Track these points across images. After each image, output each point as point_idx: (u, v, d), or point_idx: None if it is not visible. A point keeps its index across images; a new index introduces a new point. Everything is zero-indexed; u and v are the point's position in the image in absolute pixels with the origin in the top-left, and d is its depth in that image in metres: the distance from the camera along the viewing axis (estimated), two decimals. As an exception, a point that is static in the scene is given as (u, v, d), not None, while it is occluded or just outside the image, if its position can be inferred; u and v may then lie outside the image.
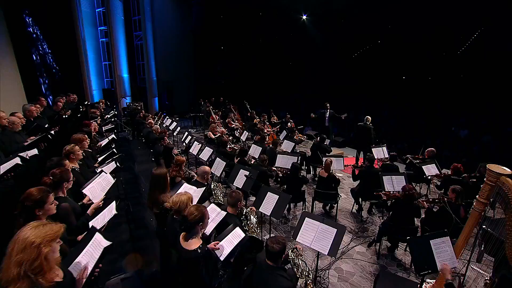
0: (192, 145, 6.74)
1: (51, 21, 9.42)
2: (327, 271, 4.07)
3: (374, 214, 5.62)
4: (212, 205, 2.94)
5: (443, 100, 15.52)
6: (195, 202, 3.21)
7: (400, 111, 15.67)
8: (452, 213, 3.75)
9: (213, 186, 4.03)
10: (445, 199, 4.05)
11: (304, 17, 15.41)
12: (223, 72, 18.70)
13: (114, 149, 4.55)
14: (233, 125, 9.51)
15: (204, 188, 3.36)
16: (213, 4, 16.18)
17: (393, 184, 4.89)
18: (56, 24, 9.65)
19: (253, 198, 5.67)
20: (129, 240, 3.87)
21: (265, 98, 19.19)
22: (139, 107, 10.89)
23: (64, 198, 2.42)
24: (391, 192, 4.66)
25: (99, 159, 4.23)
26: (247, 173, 4.26)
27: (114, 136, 5.45)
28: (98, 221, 2.36)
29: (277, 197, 3.63)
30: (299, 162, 7.77)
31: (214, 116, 10.71)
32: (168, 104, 16.10)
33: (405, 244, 4.51)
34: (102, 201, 2.72)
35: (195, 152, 6.47)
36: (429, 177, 5.57)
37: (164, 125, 9.75)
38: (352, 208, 5.76)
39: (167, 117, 10.68)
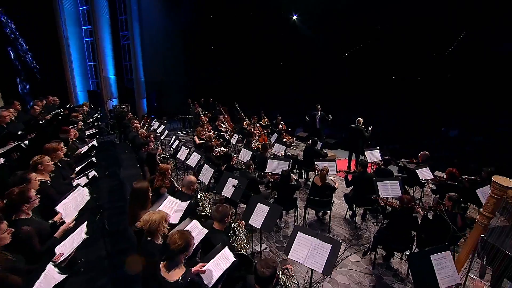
0: (179, 149, 6.46)
1: (31, 20, 8.98)
2: (321, 283, 3.88)
3: (368, 220, 5.47)
4: (194, 222, 2.70)
5: (433, 100, 15.65)
6: (178, 217, 2.97)
7: (391, 111, 15.70)
8: (449, 222, 3.62)
9: (200, 197, 3.79)
10: (442, 207, 3.90)
11: (295, 17, 15.28)
12: (214, 73, 18.40)
13: (93, 158, 4.22)
14: (223, 128, 9.26)
15: (189, 202, 3.11)
16: (202, 3, 15.89)
17: (388, 190, 4.74)
18: (37, 23, 9.22)
19: (244, 205, 5.48)
20: (108, 256, 3.58)
21: (256, 98, 18.97)
22: (125, 109, 10.51)
23: (26, 220, 2.14)
24: (388, 199, 4.50)
25: (77, 168, 3.92)
26: (235, 182, 4.03)
27: (95, 143, 5.12)
28: (66, 246, 2.09)
29: (267, 208, 3.42)
30: (290, 165, 7.63)
31: (203, 118, 10.44)
32: (156, 106, 15.70)
33: (401, 252, 4.36)
34: (74, 222, 2.44)
35: (182, 158, 6.19)
36: (424, 181, 5.46)
37: (151, 128, 9.43)
38: (346, 213, 5.60)
39: (155, 119, 10.35)
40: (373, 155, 6.74)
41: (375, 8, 13.45)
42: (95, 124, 7.46)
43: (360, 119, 7.43)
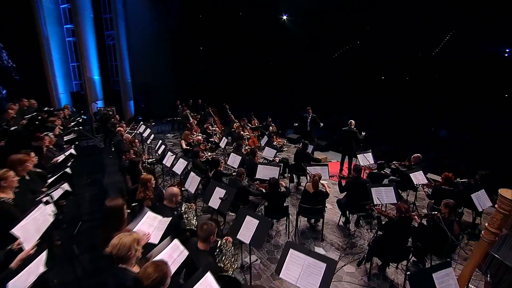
0: (166, 155, 6.17)
1: (7, 18, 8.49)
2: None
3: (362, 226, 5.30)
4: (175, 242, 2.44)
5: (422, 101, 15.76)
6: (159, 236, 2.70)
7: (381, 112, 15.72)
8: (447, 231, 3.46)
9: (185, 208, 3.52)
10: (438, 214, 3.75)
11: (285, 17, 15.11)
12: (203, 73, 18.06)
13: (68, 168, 3.89)
14: (212, 130, 8.98)
15: (171, 218, 2.84)
16: (191, 3, 15.55)
17: (383, 196, 4.58)
18: (14, 21, 8.73)
19: (233, 214, 5.23)
20: (80, 279, 3.25)
21: (246, 99, 18.75)
22: (110, 112, 10.10)
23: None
24: (382, 206, 4.34)
25: (49, 181, 3.58)
26: (223, 192, 3.78)
27: (73, 151, 4.78)
28: (21, 281, 1.80)
29: (257, 222, 3.18)
30: (281, 170, 7.42)
31: (192, 120, 10.13)
32: (144, 108, 15.28)
33: (397, 262, 4.20)
34: (35, 248, 2.14)
35: (168, 164, 5.90)
36: (418, 185, 5.33)
37: (138, 132, 9.05)
38: (339, 220, 5.42)
39: (141, 122, 9.98)
40: (366, 158, 6.62)
41: (364, 8, 13.50)
42: (75, 128, 7.03)
43: (352, 121, 7.28)
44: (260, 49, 17.62)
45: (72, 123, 7.37)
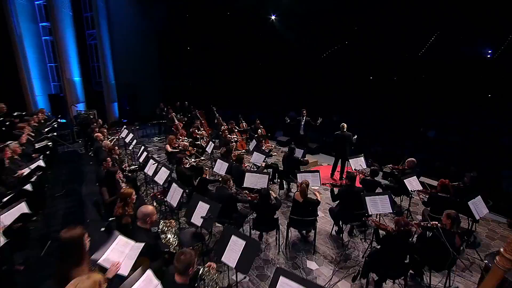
0: (147, 163, 5.77)
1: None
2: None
3: (355, 236, 5.05)
4: (148, 273, 2.09)
5: (410, 101, 15.84)
6: (130, 265, 2.35)
7: (370, 112, 15.69)
8: (448, 246, 3.24)
9: (162, 227, 3.17)
10: (439, 225, 3.53)
11: (273, 17, 14.83)
12: (190, 74, 17.62)
13: (29, 184, 3.47)
14: (198, 134, 8.61)
15: (144, 243, 2.49)
16: (178, 2, 15.08)
17: (378, 206, 4.34)
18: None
19: (220, 225, 4.90)
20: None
21: (234, 101, 18.42)
22: (91, 116, 9.57)
23: None
24: (378, 216, 4.09)
25: (5, 199, 3.16)
26: (207, 207, 3.44)
27: (42, 162, 4.33)
28: None
29: (243, 243, 2.86)
30: (271, 175, 7.12)
31: (178, 123, 9.72)
32: (129, 110, 14.72)
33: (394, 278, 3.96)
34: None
35: (150, 173, 5.51)
36: (412, 192, 5.13)
37: (120, 137, 8.57)
38: (332, 230, 5.16)
39: (124, 126, 9.50)
40: (358, 163, 6.39)
41: (352, 9, 13.47)
42: (49, 135, 6.53)
43: (344, 124, 7.05)
44: (248, 49, 17.33)
45: (47, 129, 6.83)
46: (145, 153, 6.31)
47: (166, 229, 3.11)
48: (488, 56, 14.88)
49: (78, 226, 2.11)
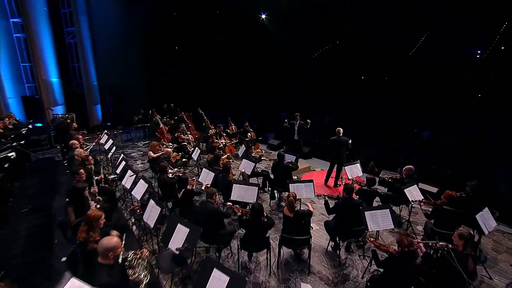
0: (126, 173, 5.24)
1: None
2: None
3: (353, 252, 4.64)
4: None
5: (402, 101, 15.71)
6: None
7: (362, 113, 15.45)
8: (462, 272, 2.84)
9: (131, 258, 2.66)
10: (449, 246, 3.14)
11: (263, 16, 14.38)
12: (178, 75, 17.01)
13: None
14: (184, 139, 8.09)
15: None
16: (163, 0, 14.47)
17: (378, 221, 3.94)
18: None
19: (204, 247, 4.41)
20: None
21: (224, 101, 17.94)
22: (68, 120, 8.91)
23: None
24: (378, 236, 3.68)
25: None
26: (186, 231, 2.96)
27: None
28: None
29: (227, 279, 2.39)
30: (261, 184, 6.66)
31: (163, 127, 9.17)
32: (114, 112, 14.02)
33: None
34: None
35: (128, 185, 4.98)
36: (413, 202, 4.76)
37: (100, 143, 7.97)
38: (328, 245, 4.73)
39: (105, 131, 8.88)
40: (354, 170, 6.01)
41: (343, 8, 13.25)
42: (14, 144, 5.88)
43: (340, 129, 6.65)
44: (238, 48, 16.89)
45: (12, 135, 6.18)
46: (123, 162, 5.76)
47: (135, 262, 2.61)
48: (478, 56, 14.89)
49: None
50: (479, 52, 14.92)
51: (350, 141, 6.58)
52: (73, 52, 12.17)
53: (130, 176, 4.89)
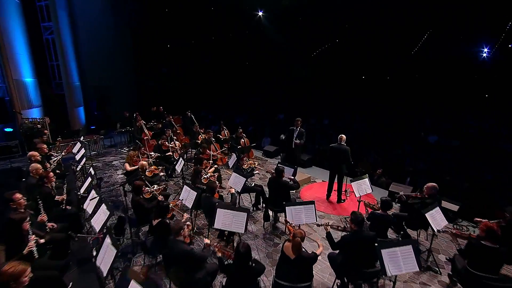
0: (90, 193, 4.33)
1: None
2: None
3: (365, 294, 3.77)
4: None
5: (405, 101, 14.96)
6: None
7: (364, 115, 14.65)
8: None
9: None
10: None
11: (260, 13, 13.49)
12: (169, 75, 16.08)
13: None
14: (169, 147, 7.18)
15: None
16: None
17: (400, 263, 3.06)
18: None
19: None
20: None
21: (218, 103, 17.08)
22: (38, 125, 7.96)
23: None
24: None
25: None
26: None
27: None
28: None
29: None
30: (254, 200, 5.78)
31: (147, 132, 8.26)
32: (99, 115, 13.08)
33: None
34: None
35: (90, 209, 4.07)
36: (439, 232, 3.90)
37: (74, 153, 7.00)
38: (333, 284, 3.85)
39: (82, 136, 7.96)
40: (362, 187, 5.12)
41: (342, 5, 12.50)
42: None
43: (343, 136, 5.78)
44: (233, 47, 16.04)
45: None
46: (89, 179, 4.84)
47: None
48: (485, 54, 14.10)
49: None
50: (487, 50, 14.10)
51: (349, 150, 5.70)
52: (51, 49, 11.21)
53: (91, 199, 3.97)
